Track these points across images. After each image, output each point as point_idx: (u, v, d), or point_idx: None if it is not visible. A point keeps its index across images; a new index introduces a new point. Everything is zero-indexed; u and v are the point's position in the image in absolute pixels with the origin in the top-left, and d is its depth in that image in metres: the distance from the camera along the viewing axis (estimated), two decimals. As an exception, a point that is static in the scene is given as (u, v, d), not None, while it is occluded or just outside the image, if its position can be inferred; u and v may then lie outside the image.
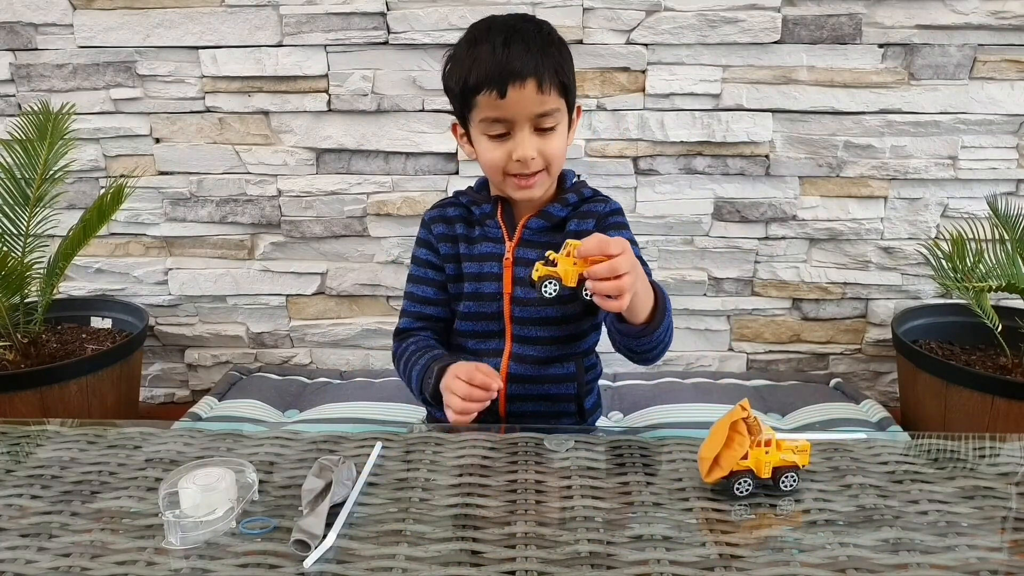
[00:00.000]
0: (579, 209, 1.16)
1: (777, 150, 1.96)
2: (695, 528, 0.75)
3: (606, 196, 1.20)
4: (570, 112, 1.11)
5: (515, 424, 1.16)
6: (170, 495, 0.76)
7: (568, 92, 1.08)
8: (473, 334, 1.16)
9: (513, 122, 1.04)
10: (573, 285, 0.87)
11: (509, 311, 1.13)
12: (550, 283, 0.87)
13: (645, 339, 0.98)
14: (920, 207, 2.00)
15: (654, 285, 0.97)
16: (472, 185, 1.22)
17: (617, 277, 0.83)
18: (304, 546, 0.71)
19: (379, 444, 0.91)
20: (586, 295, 0.87)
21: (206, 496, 0.75)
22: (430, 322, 1.19)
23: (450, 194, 1.24)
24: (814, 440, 0.89)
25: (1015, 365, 1.80)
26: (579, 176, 1.22)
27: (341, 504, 0.78)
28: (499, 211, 1.15)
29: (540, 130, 1.05)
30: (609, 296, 0.85)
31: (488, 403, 0.98)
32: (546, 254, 0.89)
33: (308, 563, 0.69)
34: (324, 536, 0.72)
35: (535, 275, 0.88)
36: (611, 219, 1.16)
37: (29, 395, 1.71)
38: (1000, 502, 0.80)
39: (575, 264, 0.86)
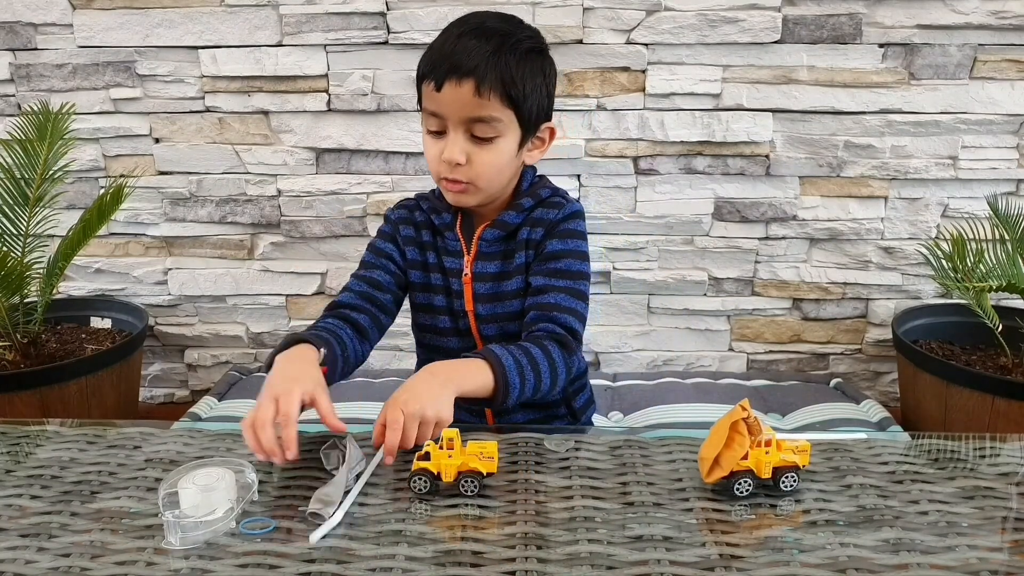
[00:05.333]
0: (532, 214, 1.07)
1: (777, 150, 1.96)
2: (695, 528, 0.75)
3: (565, 198, 1.09)
4: (526, 129, 1.01)
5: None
6: (170, 495, 0.76)
7: (518, 106, 0.98)
8: (448, 351, 1.12)
9: (446, 120, 0.98)
10: (450, 481, 0.80)
11: (476, 328, 1.09)
12: (420, 479, 0.80)
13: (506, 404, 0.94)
14: (920, 207, 2.00)
15: (491, 360, 0.92)
16: (435, 188, 1.12)
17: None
18: (320, 516, 0.74)
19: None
20: (466, 491, 0.81)
21: (206, 496, 0.75)
22: (375, 306, 1.09)
23: (412, 196, 1.16)
24: (814, 440, 0.89)
25: (1015, 365, 1.80)
26: (540, 175, 1.13)
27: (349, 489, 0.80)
28: (458, 222, 1.08)
29: (476, 138, 0.98)
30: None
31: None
32: (425, 443, 0.82)
33: (314, 538, 0.72)
34: (338, 509, 0.75)
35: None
36: (562, 225, 1.06)
37: (29, 395, 1.71)
38: (1000, 502, 0.80)
39: (450, 457, 0.79)
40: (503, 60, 0.96)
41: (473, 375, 0.91)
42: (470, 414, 1.15)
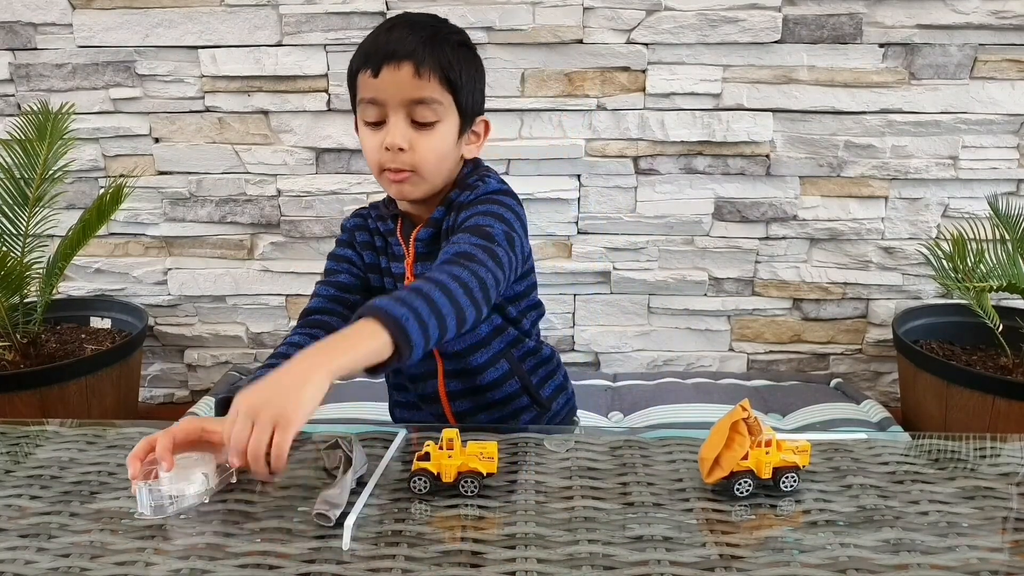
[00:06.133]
0: (454, 203, 1.03)
1: (777, 150, 1.96)
2: (695, 528, 0.75)
3: (484, 180, 1.03)
4: (464, 119, 1.01)
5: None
6: (149, 469, 0.78)
7: (456, 90, 0.98)
8: None
9: (386, 105, 0.97)
10: (450, 481, 0.80)
11: None
12: (420, 479, 0.80)
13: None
14: (921, 207, 2.00)
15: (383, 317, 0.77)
16: (386, 197, 1.11)
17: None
18: (327, 518, 0.74)
19: (403, 432, 0.92)
20: (466, 491, 0.81)
21: (182, 471, 0.76)
22: (346, 308, 1.07)
23: (367, 205, 1.16)
24: (814, 440, 0.89)
25: (1015, 365, 1.80)
26: (475, 161, 1.09)
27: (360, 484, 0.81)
28: (399, 227, 1.08)
29: (417, 124, 0.97)
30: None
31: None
32: (425, 443, 0.81)
33: (347, 544, 0.71)
34: (346, 508, 0.76)
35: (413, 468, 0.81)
36: (476, 200, 1.01)
37: (29, 395, 1.71)
38: (1001, 502, 0.80)
39: (450, 457, 0.80)
40: (438, 46, 0.97)
41: (356, 343, 0.76)
42: (435, 418, 1.14)
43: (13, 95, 1.99)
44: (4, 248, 1.75)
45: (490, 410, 1.13)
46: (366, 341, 0.77)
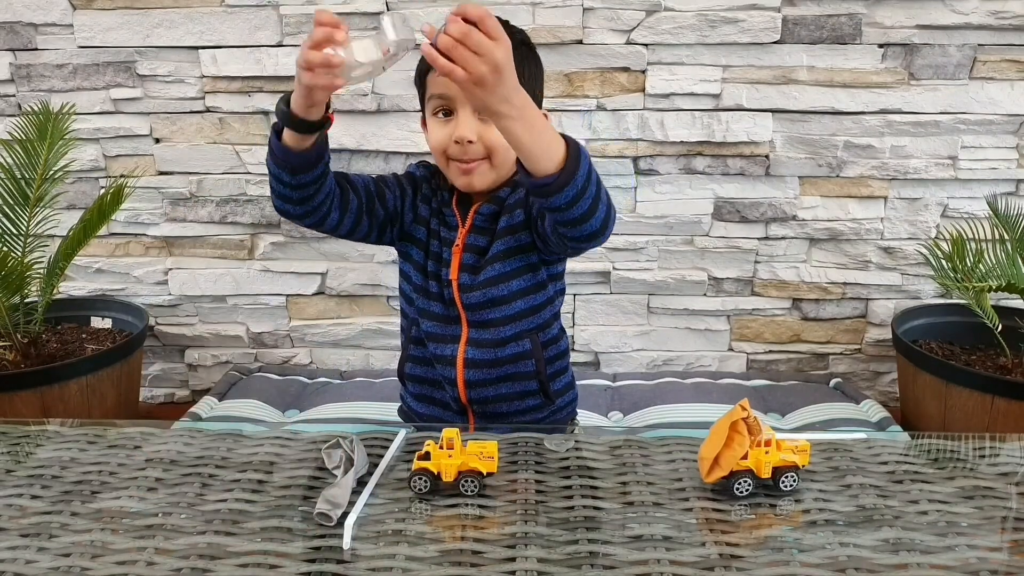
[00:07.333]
0: (518, 184, 1.11)
1: (777, 150, 1.96)
2: (695, 528, 0.75)
3: None
4: None
5: (479, 410, 1.15)
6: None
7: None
8: (432, 315, 1.15)
9: (455, 100, 1.04)
10: (450, 481, 0.81)
11: (460, 298, 1.12)
12: (420, 478, 0.81)
13: (556, 197, 0.86)
14: (920, 207, 2.00)
15: (568, 139, 0.88)
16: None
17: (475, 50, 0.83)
18: (328, 518, 0.75)
19: (403, 431, 0.93)
20: (466, 491, 0.82)
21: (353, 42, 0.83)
22: (367, 201, 1.11)
23: (431, 163, 1.19)
24: (814, 440, 0.89)
25: (1015, 365, 1.80)
26: None
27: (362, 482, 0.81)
28: (455, 199, 1.14)
29: (483, 117, 1.04)
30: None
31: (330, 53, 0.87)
32: (425, 443, 0.83)
33: (347, 543, 0.72)
34: (347, 507, 0.76)
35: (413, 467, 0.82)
36: None
37: (29, 395, 1.71)
38: (1000, 502, 0.80)
39: (450, 457, 0.80)
40: None
41: (549, 128, 0.87)
42: (445, 380, 1.15)
43: (14, 95, 1.99)
44: (5, 248, 1.75)
45: (498, 385, 1.15)
46: (553, 132, 0.87)
